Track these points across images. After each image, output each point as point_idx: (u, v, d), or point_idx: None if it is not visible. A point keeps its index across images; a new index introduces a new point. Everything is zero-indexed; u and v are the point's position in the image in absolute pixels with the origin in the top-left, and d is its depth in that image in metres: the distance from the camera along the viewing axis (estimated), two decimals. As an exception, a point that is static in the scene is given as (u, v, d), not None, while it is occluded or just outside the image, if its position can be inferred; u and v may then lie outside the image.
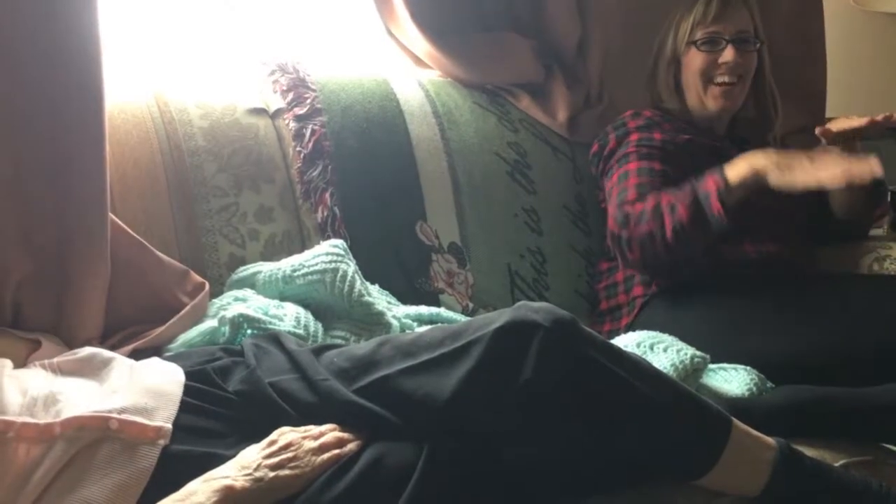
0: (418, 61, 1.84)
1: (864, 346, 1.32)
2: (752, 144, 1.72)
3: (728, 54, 1.63)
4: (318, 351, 1.10)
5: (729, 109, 1.69)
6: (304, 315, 1.31)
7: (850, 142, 1.54)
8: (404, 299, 1.52)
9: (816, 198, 1.71)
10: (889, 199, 1.85)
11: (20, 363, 1.12)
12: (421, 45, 1.79)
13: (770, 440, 1.05)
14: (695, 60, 1.67)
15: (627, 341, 1.37)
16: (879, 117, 1.49)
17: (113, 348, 1.21)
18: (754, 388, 1.29)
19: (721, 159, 1.61)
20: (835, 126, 1.53)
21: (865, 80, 2.34)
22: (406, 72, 1.81)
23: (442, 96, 1.77)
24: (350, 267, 1.38)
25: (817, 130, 1.54)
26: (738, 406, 1.18)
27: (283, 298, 1.36)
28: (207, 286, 1.37)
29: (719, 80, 1.65)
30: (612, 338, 1.46)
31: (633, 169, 1.60)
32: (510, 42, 1.85)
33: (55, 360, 1.08)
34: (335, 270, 1.35)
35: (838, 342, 1.34)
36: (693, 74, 1.67)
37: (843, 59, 2.25)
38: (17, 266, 1.20)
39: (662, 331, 1.40)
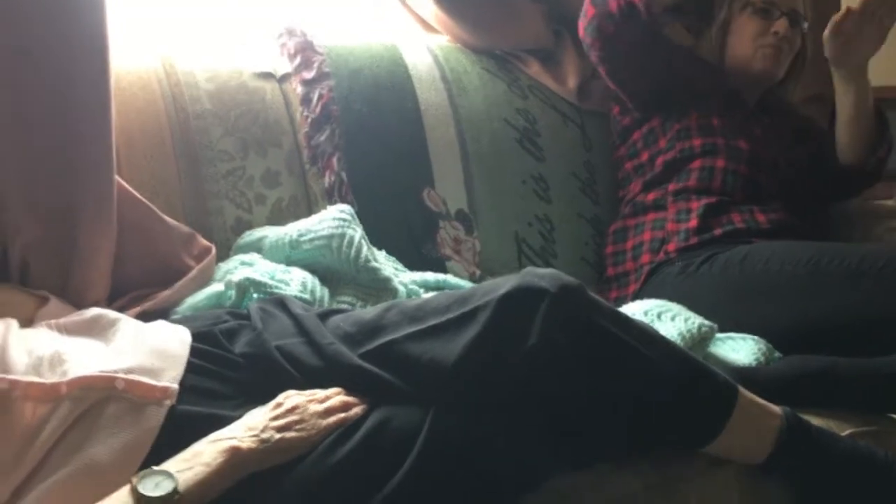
0: (427, 26, 1.82)
1: (873, 316, 1.31)
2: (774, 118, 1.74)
3: (781, 24, 1.69)
4: (324, 315, 1.10)
5: (770, 75, 1.73)
6: (311, 280, 1.31)
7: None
8: (411, 265, 1.52)
9: (819, 148, 1.72)
10: None
11: (29, 317, 1.12)
12: (430, 8, 1.77)
13: (776, 409, 1.05)
14: (748, 25, 1.72)
15: (635, 309, 1.36)
16: None
17: (120, 310, 1.21)
18: (762, 358, 1.29)
19: (738, 111, 1.66)
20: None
21: (885, 48, 2.29)
22: (415, 37, 1.80)
23: (451, 62, 1.75)
24: (357, 232, 1.37)
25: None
26: (744, 375, 1.18)
27: (289, 263, 1.36)
28: (214, 250, 1.37)
29: (768, 47, 1.70)
30: (619, 305, 1.45)
31: None
32: (520, 6, 1.83)
33: (61, 320, 1.08)
34: (342, 235, 1.35)
35: (847, 312, 1.33)
36: (744, 38, 1.72)
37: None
38: (25, 228, 1.20)
39: (670, 299, 1.39)
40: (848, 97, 1.65)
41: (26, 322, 1.11)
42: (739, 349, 1.32)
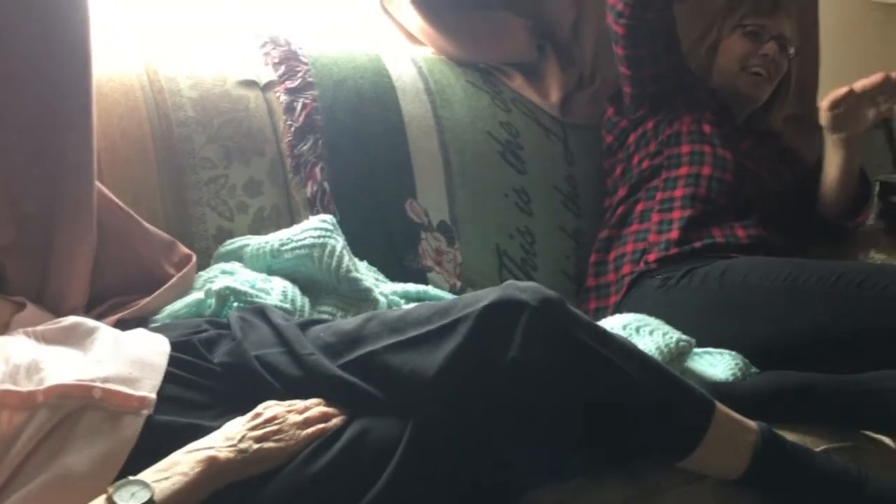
0: (412, 38, 1.83)
1: (850, 333, 1.33)
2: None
3: (771, 47, 1.72)
4: (305, 325, 1.09)
5: (754, 97, 1.76)
6: (292, 289, 1.31)
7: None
8: (392, 276, 1.52)
9: (806, 193, 1.74)
10: (878, 188, 1.87)
11: (3, 323, 1.12)
12: (415, 21, 1.78)
13: (752, 424, 1.06)
14: (736, 46, 1.74)
15: (614, 323, 1.37)
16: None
17: (98, 318, 1.20)
18: (738, 373, 1.30)
19: (728, 123, 1.70)
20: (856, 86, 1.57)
21: (862, 71, 2.31)
22: (399, 48, 1.80)
23: (435, 74, 1.76)
24: (339, 242, 1.37)
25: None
26: (721, 390, 1.19)
27: (270, 272, 1.36)
28: (194, 258, 1.37)
29: (754, 69, 1.72)
30: (599, 316, 1.47)
31: None
32: (505, 20, 1.84)
33: (39, 328, 1.07)
34: (323, 245, 1.35)
35: (824, 328, 1.35)
36: (731, 59, 1.75)
37: (840, 47, 2.24)
38: (2, 232, 1.19)
39: (650, 312, 1.40)
40: (835, 160, 1.68)
41: (1, 328, 1.10)
42: (716, 364, 1.33)
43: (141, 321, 1.24)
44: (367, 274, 1.43)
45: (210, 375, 1.03)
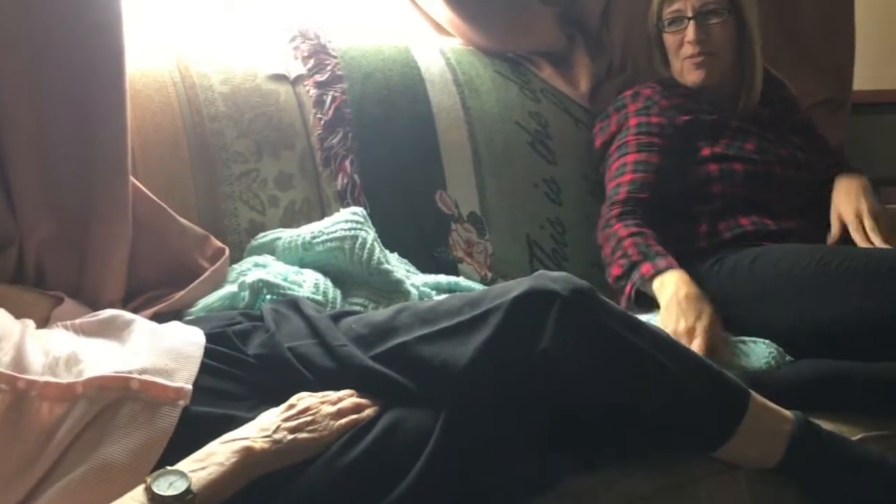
0: (440, 29, 1.83)
1: (884, 319, 1.31)
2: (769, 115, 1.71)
3: (689, 32, 1.65)
4: (337, 317, 1.10)
5: (706, 83, 1.67)
6: (323, 282, 1.32)
7: None
8: (423, 268, 1.52)
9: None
10: None
11: (43, 317, 1.14)
12: (443, 12, 1.78)
13: (787, 413, 1.05)
14: (668, 40, 1.71)
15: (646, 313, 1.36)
16: None
17: (134, 311, 1.22)
18: (773, 362, 1.28)
19: (724, 133, 1.62)
20: None
21: (871, 53, 2.22)
22: (428, 39, 1.80)
23: (463, 65, 1.76)
24: (369, 235, 1.38)
25: None
26: (756, 379, 1.18)
27: (302, 265, 1.37)
28: (227, 251, 1.38)
29: (686, 57, 1.67)
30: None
31: (630, 161, 1.63)
32: (533, 9, 1.83)
33: (77, 321, 1.09)
34: (354, 238, 1.36)
35: (857, 314, 1.33)
36: (671, 53, 1.71)
37: (877, 28, 2.19)
38: (40, 227, 1.21)
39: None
40: None
41: (41, 322, 1.13)
42: (751, 353, 1.32)
43: (176, 314, 1.26)
44: (397, 266, 1.44)
45: (244, 367, 1.04)
